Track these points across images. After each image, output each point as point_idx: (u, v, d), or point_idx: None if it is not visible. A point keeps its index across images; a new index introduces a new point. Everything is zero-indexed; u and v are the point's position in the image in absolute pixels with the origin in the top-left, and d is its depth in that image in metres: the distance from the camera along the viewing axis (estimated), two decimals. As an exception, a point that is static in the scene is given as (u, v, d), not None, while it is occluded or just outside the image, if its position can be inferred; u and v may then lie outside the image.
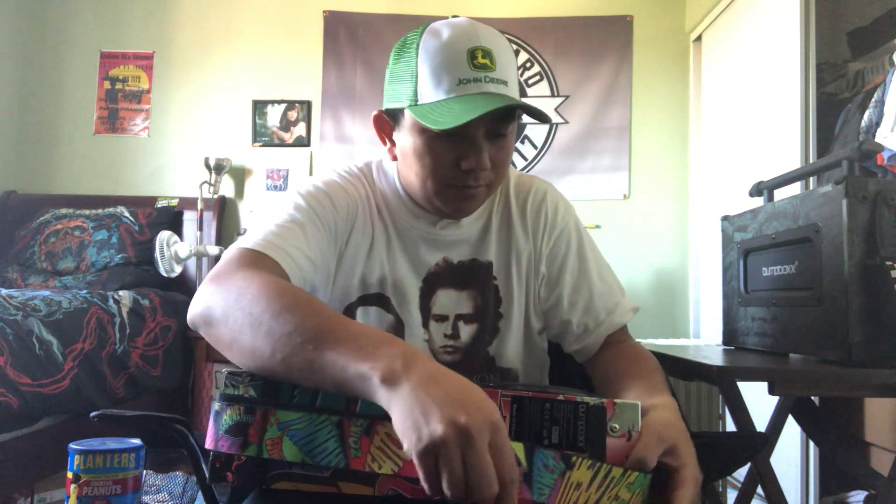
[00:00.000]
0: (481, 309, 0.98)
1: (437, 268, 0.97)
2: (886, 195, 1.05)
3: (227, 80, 3.48)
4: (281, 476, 0.66)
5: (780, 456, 1.54)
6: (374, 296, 0.96)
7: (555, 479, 0.63)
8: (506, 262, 1.01)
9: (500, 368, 0.99)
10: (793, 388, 1.10)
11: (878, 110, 2.12)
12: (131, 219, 3.15)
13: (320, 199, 0.93)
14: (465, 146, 0.87)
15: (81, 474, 0.88)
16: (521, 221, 1.02)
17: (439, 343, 0.97)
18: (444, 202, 0.92)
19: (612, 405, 0.69)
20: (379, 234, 0.97)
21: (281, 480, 0.66)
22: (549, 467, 0.63)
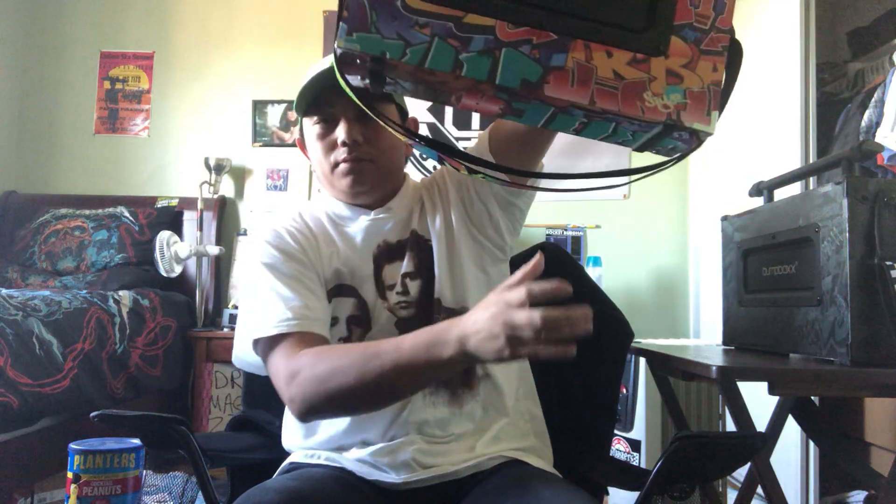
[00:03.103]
0: (420, 265, 1.08)
1: (379, 249, 1.09)
2: (886, 195, 1.05)
3: (227, 80, 3.48)
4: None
5: (780, 456, 1.54)
6: (335, 287, 1.07)
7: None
8: (437, 224, 1.10)
9: (447, 308, 1.06)
10: (793, 388, 1.10)
11: (878, 110, 2.12)
12: (131, 219, 3.15)
13: (278, 247, 1.06)
14: (336, 125, 1.05)
15: (81, 474, 0.88)
16: (439, 191, 1.15)
17: (394, 301, 1.06)
18: (338, 181, 1.07)
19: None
20: (324, 242, 1.10)
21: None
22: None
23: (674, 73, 0.65)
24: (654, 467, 0.84)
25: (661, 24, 0.65)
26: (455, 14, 0.62)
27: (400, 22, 0.62)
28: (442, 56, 0.62)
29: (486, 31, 0.62)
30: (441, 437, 1.00)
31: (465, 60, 0.62)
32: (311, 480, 0.92)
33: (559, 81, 0.62)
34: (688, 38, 0.65)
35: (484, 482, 0.97)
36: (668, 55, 0.65)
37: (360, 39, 0.62)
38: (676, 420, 1.59)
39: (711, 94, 0.65)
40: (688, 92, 0.65)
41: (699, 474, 0.88)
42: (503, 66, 0.62)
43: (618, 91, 0.63)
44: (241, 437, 1.15)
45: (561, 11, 0.63)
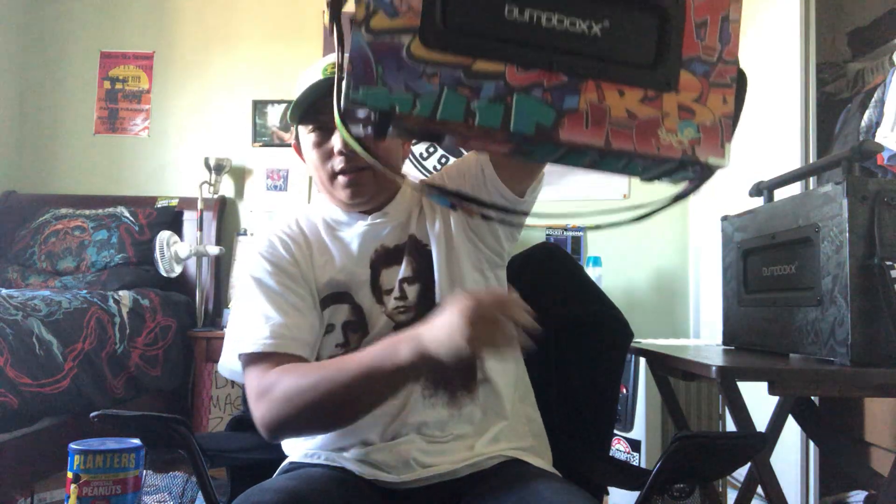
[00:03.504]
0: (418, 269, 1.07)
1: (377, 254, 1.09)
2: (886, 195, 1.05)
3: (227, 80, 3.48)
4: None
5: (780, 456, 1.54)
6: (329, 296, 1.06)
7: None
8: (436, 229, 1.10)
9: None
10: (793, 388, 1.10)
11: (878, 110, 2.12)
12: (131, 219, 3.15)
13: (270, 259, 1.06)
14: (332, 133, 1.05)
15: (81, 474, 0.88)
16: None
17: (392, 307, 1.06)
18: (336, 191, 1.07)
19: None
20: (318, 251, 1.09)
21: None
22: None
23: (686, 107, 0.65)
24: (654, 467, 0.84)
25: (669, 58, 0.65)
26: (463, 61, 0.61)
27: (407, 73, 0.60)
28: (453, 106, 0.61)
29: (496, 77, 0.62)
30: (440, 437, 1.00)
31: (478, 109, 0.61)
32: (309, 480, 0.92)
33: (574, 124, 0.62)
34: (697, 72, 0.65)
35: (483, 482, 0.97)
36: (678, 90, 0.65)
37: (366, 95, 0.60)
38: (676, 420, 1.59)
39: (723, 127, 0.65)
40: (701, 126, 0.65)
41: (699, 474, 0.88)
42: (516, 112, 0.61)
43: (632, 130, 0.63)
44: (241, 437, 1.15)
45: (570, 52, 0.63)
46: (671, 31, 0.65)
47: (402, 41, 0.60)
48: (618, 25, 0.64)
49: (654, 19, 0.65)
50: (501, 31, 0.62)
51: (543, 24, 0.63)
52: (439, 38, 0.61)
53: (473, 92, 0.61)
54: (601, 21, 0.64)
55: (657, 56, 0.65)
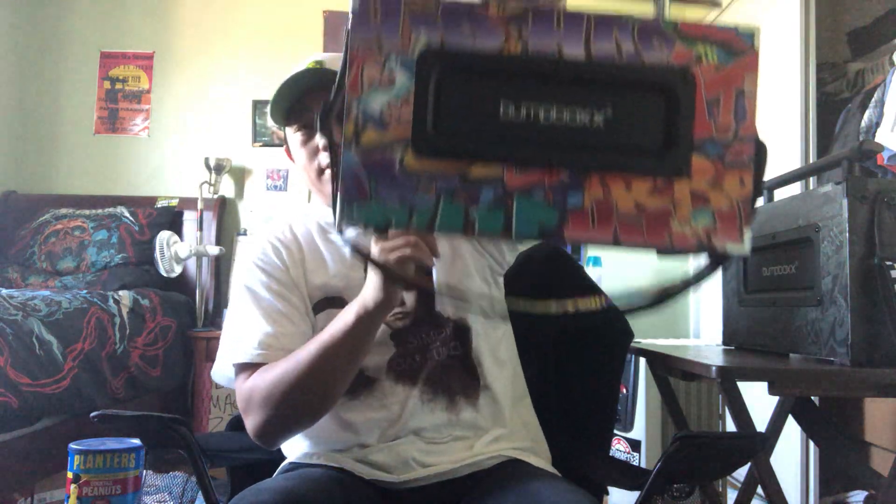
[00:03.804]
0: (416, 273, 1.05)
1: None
2: (886, 195, 1.05)
3: (227, 80, 3.48)
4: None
5: (780, 456, 1.54)
6: (322, 301, 1.06)
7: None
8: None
9: (447, 319, 1.06)
10: (793, 388, 1.10)
11: (878, 110, 2.12)
12: (131, 219, 3.15)
13: (263, 267, 1.05)
14: (315, 132, 1.03)
15: (81, 474, 0.88)
16: None
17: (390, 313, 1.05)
18: (325, 187, 1.06)
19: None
20: (311, 256, 1.08)
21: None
22: None
23: (699, 194, 0.60)
24: (654, 467, 0.84)
25: (680, 143, 0.60)
26: (459, 168, 0.59)
27: (402, 186, 0.58)
28: (451, 216, 0.59)
29: (494, 182, 0.59)
30: (439, 438, 1.00)
31: (477, 217, 0.59)
32: (307, 480, 0.92)
33: (579, 223, 0.59)
34: (710, 154, 0.61)
35: (483, 481, 0.97)
36: (691, 176, 0.60)
37: (360, 212, 0.58)
38: (676, 420, 1.59)
39: (742, 212, 0.61)
40: (716, 213, 0.60)
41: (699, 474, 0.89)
42: (517, 216, 0.59)
43: (642, 224, 0.60)
44: (241, 437, 1.15)
45: (571, 146, 0.60)
46: (680, 113, 0.61)
47: (394, 154, 0.58)
48: (622, 112, 0.60)
49: (661, 101, 0.61)
50: (497, 133, 0.59)
51: (541, 120, 0.59)
52: (432, 147, 0.59)
53: (471, 199, 0.59)
54: (603, 109, 0.60)
55: (666, 141, 0.60)
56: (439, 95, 0.59)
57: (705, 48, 0.62)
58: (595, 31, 0.60)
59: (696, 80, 0.61)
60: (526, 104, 0.59)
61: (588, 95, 0.60)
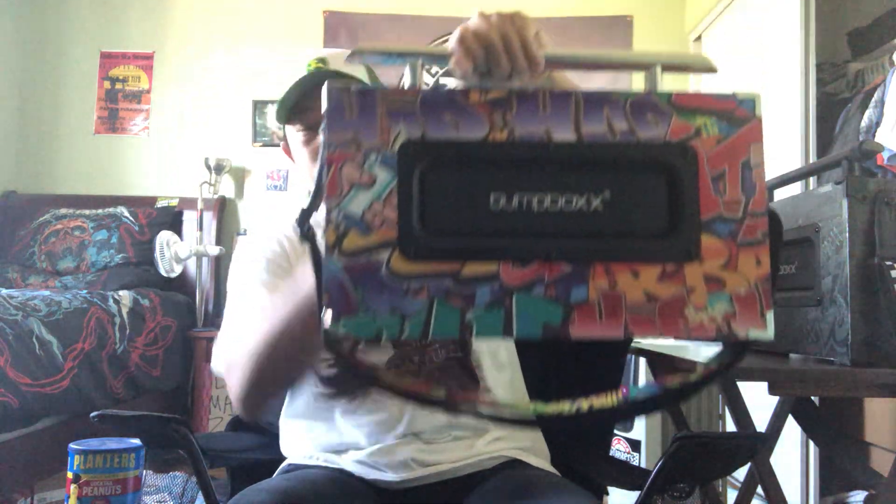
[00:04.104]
0: None
1: None
2: (886, 195, 1.05)
3: (227, 80, 3.48)
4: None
5: (780, 456, 1.54)
6: None
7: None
8: None
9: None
10: (793, 388, 1.10)
11: (878, 110, 2.12)
12: (131, 219, 3.15)
13: (261, 256, 1.05)
14: (317, 132, 1.02)
15: (81, 474, 0.88)
16: None
17: None
18: None
19: None
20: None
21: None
22: None
23: (713, 277, 0.56)
24: (654, 467, 0.84)
25: (686, 223, 0.56)
26: (451, 268, 0.55)
27: (390, 293, 0.54)
28: (446, 321, 0.54)
29: (490, 280, 0.55)
30: (439, 438, 1.00)
31: (475, 319, 0.55)
32: (305, 481, 0.92)
33: (585, 318, 0.55)
34: (721, 233, 0.57)
35: (485, 482, 0.97)
36: (702, 259, 0.56)
37: (349, 325, 0.54)
38: (676, 420, 1.59)
39: (761, 293, 0.56)
40: (734, 297, 0.56)
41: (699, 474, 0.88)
42: (518, 315, 0.55)
43: (654, 314, 0.56)
44: (241, 437, 1.15)
45: (570, 235, 0.56)
46: (684, 192, 0.57)
47: (380, 258, 0.54)
48: (620, 195, 0.56)
49: (662, 181, 0.57)
50: (489, 226, 0.56)
51: (535, 209, 0.56)
52: (421, 247, 0.55)
53: (467, 301, 0.54)
54: (601, 194, 0.56)
55: (671, 223, 0.56)
56: (424, 190, 0.56)
57: (704, 120, 0.58)
58: (584, 111, 0.57)
59: (697, 155, 0.57)
60: (518, 194, 0.56)
61: (583, 180, 0.56)
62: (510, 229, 0.56)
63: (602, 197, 0.56)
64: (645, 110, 0.57)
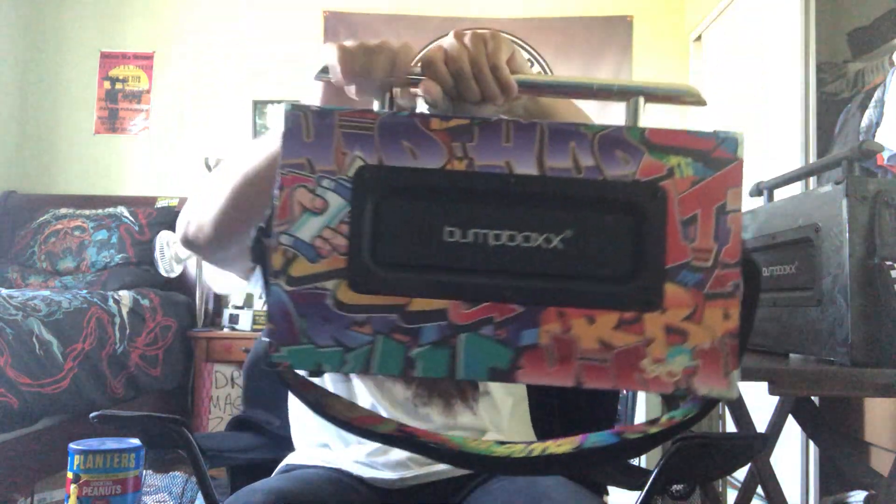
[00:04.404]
0: None
1: None
2: (886, 195, 1.05)
3: (227, 80, 3.48)
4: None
5: (780, 456, 1.54)
6: None
7: None
8: None
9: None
10: (793, 388, 1.10)
11: (878, 110, 2.12)
12: (131, 219, 3.15)
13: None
14: None
15: (81, 474, 0.88)
16: None
17: None
18: None
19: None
20: None
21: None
22: None
23: (675, 329, 0.53)
24: (654, 468, 0.84)
25: (650, 270, 0.53)
26: (398, 302, 0.53)
27: (334, 324, 0.52)
28: (390, 358, 0.53)
29: (437, 318, 0.53)
30: None
31: (419, 357, 0.52)
32: (301, 481, 0.92)
33: (535, 363, 0.53)
34: (687, 283, 0.53)
35: (486, 483, 0.97)
36: (664, 308, 0.53)
37: (290, 354, 0.52)
38: (676, 420, 1.59)
39: (727, 350, 0.53)
40: (696, 351, 0.53)
41: (700, 475, 0.88)
42: (465, 356, 0.52)
43: (609, 364, 0.53)
44: (241, 437, 1.15)
45: (525, 274, 0.53)
46: (650, 236, 0.53)
47: (327, 288, 0.53)
48: (581, 236, 0.54)
49: (627, 223, 0.54)
50: (441, 260, 0.53)
51: (491, 245, 0.53)
52: (369, 280, 0.53)
53: (412, 338, 0.52)
54: (561, 233, 0.53)
55: (634, 268, 0.53)
56: (377, 220, 0.54)
57: (679, 160, 0.54)
58: (549, 144, 0.54)
59: (667, 196, 0.53)
60: (473, 228, 0.53)
61: (543, 217, 0.54)
62: (462, 265, 0.53)
63: (562, 236, 0.53)
64: (614, 146, 0.54)
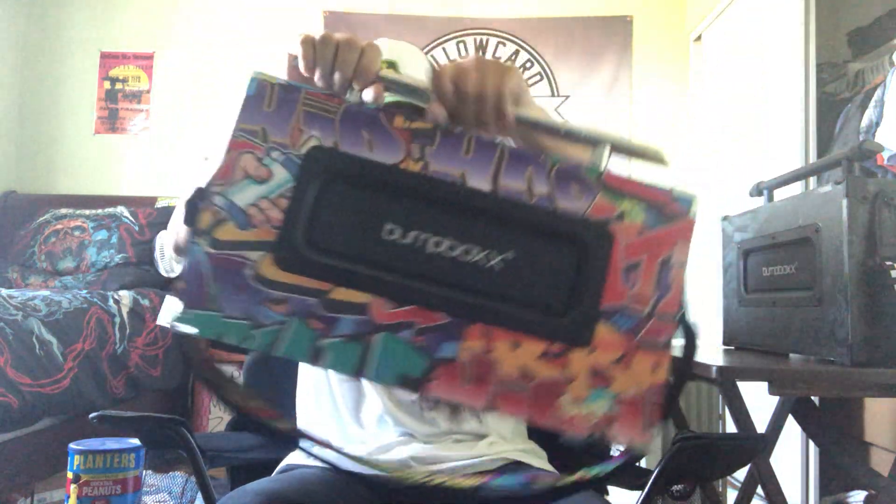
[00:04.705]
0: None
1: None
2: (886, 195, 1.05)
3: (227, 80, 3.48)
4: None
5: (780, 456, 1.54)
6: None
7: None
8: None
9: None
10: (793, 388, 1.10)
11: (878, 110, 2.12)
12: (131, 219, 3.15)
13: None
14: None
15: (81, 474, 0.88)
16: None
17: None
18: None
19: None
20: None
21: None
22: None
23: (600, 372, 0.51)
24: (655, 468, 0.84)
25: (585, 306, 0.52)
26: (320, 287, 0.50)
27: (248, 296, 0.50)
28: (298, 343, 0.50)
29: (357, 311, 0.50)
30: (440, 440, 1.00)
31: (329, 348, 0.50)
32: (297, 482, 0.92)
33: (449, 378, 0.50)
34: (620, 327, 0.52)
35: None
36: (593, 347, 0.51)
37: (196, 319, 0.50)
38: (676, 420, 1.59)
39: (652, 403, 0.51)
40: (619, 399, 0.51)
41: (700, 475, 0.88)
42: (377, 356, 0.50)
43: (526, 394, 0.51)
44: (240, 437, 1.15)
45: (457, 286, 0.51)
46: (590, 273, 0.52)
47: (249, 258, 0.51)
48: (523, 259, 0.52)
49: (571, 256, 0.53)
50: (374, 255, 0.52)
51: (428, 250, 0.52)
52: (296, 258, 0.51)
53: (327, 326, 0.50)
54: (503, 252, 0.52)
55: (569, 301, 0.52)
56: (318, 201, 0.52)
57: (632, 206, 0.54)
58: (507, 165, 0.54)
59: (613, 238, 0.53)
60: (415, 230, 0.52)
61: (487, 234, 0.52)
62: (395, 264, 0.52)
63: (504, 256, 0.52)
64: (571, 180, 0.54)
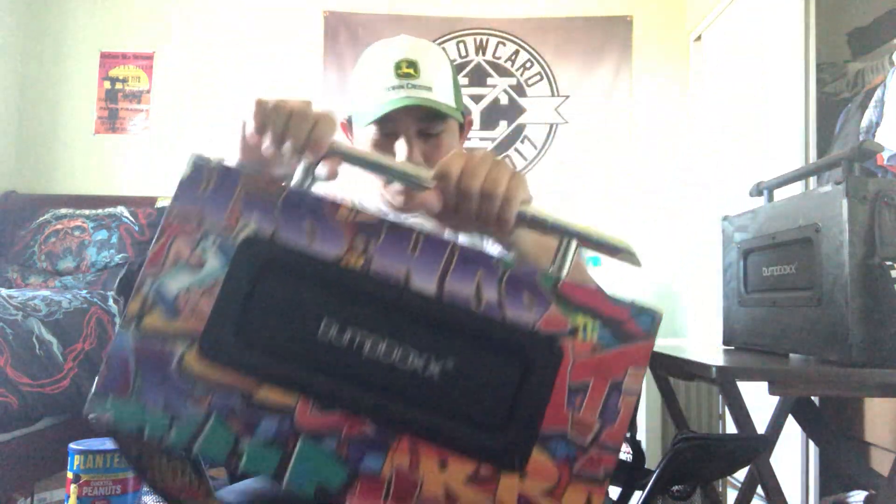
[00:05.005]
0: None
1: None
2: (886, 195, 1.05)
3: (227, 80, 3.48)
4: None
5: (780, 456, 1.54)
6: None
7: None
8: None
9: None
10: (793, 388, 1.10)
11: (878, 110, 2.12)
12: (131, 219, 3.15)
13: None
14: (395, 138, 1.01)
15: (81, 474, 0.88)
16: None
17: None
18: (391, 196, 1.04)
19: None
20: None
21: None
22: None
23: (529, 502, 0.48)
24: (656, 468, 0.84)
25: (521, 427, 0.48)
26: (245, 385, 0.49)
27: (170, 389, 0.48)
28: (217, 442, 0.48)
29: (280, 413, 0.48)
30: None
31: (247, 451, 0.48)
32: None
33: (369, 492, 0.48)
34: (557, 454, 0.48)
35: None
36: (524, 474, 0.48)
37: (115, 408, 0.48)
38: (676, 420, 1.59)
39: None
40: None
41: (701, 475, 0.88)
42: (295, 464, 0.48)
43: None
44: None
45: (389, 394, 0.49)
46: (533, 392, 0.49)
47: (174, 349, 0.49)
48: (464, 369, 0.49)
49: (514, 371, 0.49)
50: (305, 353, 0.49)
51: (364, 353, 0.49)
52: (222, 351, 0.49)
53: (247, 428, 0.48)
54: (441, 361, 0.49)
55: (506, 421, 0.48)
56: (252, 293, 0.50)
57: (586, 321, 0.50)
58: (455, 267, 0.51)
59: (563, 356, 0.49)
60: (351, 330, 0.50)
61: (428, 338, 0.50)
62: (327, 365, 0.49)
63: (441, 365, 0.49)
64: (523, 288, 0.51)
